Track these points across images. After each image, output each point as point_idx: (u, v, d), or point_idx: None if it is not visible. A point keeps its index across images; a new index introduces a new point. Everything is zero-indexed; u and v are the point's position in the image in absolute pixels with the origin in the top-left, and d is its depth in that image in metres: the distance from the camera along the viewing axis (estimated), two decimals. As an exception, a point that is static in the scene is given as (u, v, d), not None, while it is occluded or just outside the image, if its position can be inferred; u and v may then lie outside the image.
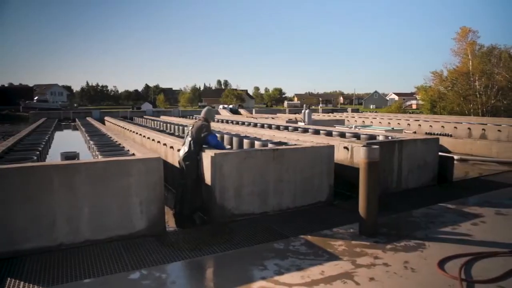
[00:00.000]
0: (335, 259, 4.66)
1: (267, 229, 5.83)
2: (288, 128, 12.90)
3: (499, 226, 5.93)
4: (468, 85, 37.30)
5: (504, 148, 13.04)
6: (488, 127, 15.73)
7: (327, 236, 5.48)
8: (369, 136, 9.78)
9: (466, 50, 38.21)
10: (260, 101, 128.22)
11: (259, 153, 6.51)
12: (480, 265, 4.50)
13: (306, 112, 16.18)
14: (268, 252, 4.90)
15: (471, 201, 7.36)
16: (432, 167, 8.88)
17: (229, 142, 9.73)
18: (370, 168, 5.30)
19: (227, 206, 6.18)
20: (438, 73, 40.89)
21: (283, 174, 6.65)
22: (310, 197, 7.00)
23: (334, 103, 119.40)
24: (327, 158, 7.15)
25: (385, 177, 8.03)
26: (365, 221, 5.42)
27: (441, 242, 5.24)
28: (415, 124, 18.92)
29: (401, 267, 4.45)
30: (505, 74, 34.66)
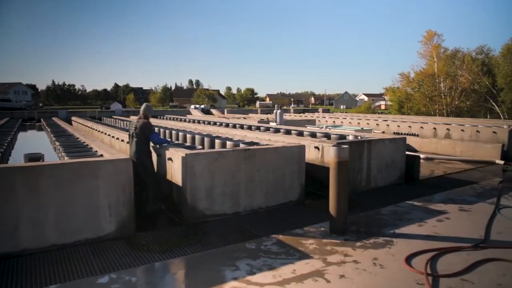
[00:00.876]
0: (307, 258, 4.72)
1: (239, 229, 5.83)
2: (260, 128, 12.95)
3: (462, 222, 6.17)
4: (434, 86, 38.59)
5: (467, 147, 13.58)
6: (452, 127, 16.32)
7: (298, 235, 5.53)
8: (339, 136, 9.95)
9: (432, 52, 39.52)
10: (232, 101, 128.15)
11: (231, 153, 6.49)
12: (444, 260, 4.66)
13: (278, 112, 16.28)
14: (240, 252, 4.90)
15: (436, 198, 7.62)
16: (399, 166, 9.13)
17: (200, 143, 9.66)
18: (340, 168, 5.40)
19: (198, 206, 6.14)
20: (405, 75, 42.17)
21: (254, 174, 6.66)
22: (281, 196, 7.04)
23: (305, 103, 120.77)
24: (298, 158, 7.22)
25: (355, 176, 8.19)
26: (335, 219, 5.51)
27: (408, 238, 5.39)
28: (384, 124, 19.39)
29: (370, 264, 4.55)
30: (467, 76, 36.07)
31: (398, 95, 42.66)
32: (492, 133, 13.99)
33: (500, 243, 5.20)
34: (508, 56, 32.52)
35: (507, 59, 32.42)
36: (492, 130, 14.10)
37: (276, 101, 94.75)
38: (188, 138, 10.43)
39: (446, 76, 37.38)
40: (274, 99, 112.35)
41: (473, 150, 13.30)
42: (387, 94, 52.70)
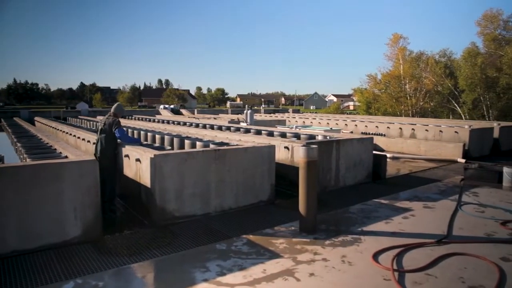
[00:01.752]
0: (277, 257, 4.75)
1: (209, 230, 5.80)
2: (230, 129, 12.91)
3: (427, 218, 6.38)
4: (400, 87, 39.74)
5: (431, 147, 14.06)
6: (417, 127, 16.83)
7: (268, 234, 5.56)
8: (309, 136, 10.07)
9: (398, 55, 40.66)
10: (203, 101, 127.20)
11: (201, 153, 6.44)
12: (410, 256, 4.81)
13: (248, 112, 16.30)
14: (210, 254, 4.87)
15: (402, 196, 7.85)
16: (367, 165, 9.34)
17: (169, 143, 9.53)
18: (309, 167, 5.46)
19: (168, 208, 6.05)
20: (373, 76, 43.20)
21: (225, 175, 6.64)
22: (252, 196, 7.05)
23: (276, 103, 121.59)
24: (269, 158, 7.26)
25: (324, 175, 8.31)
26: (305, 218, 5.57)
27: (376, 235, 5.53)
28: (352, 124, 19.77)
29: (339, 261, 4.63)
30: (431, 78, 37.35)
31: (366, 96, 43.66)
32: (454, 133, 14.53)
33: (461, 238, 5.42)
34: (468, 59, 33.89)
35: (468, 62, 33.77)
36: (454, 130, 14.65)
37: (246, 102, 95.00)
38: (157, 138, 10.27)
39: (411, 78, 38.58)
40: (245, 99, 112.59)
41: (436, 149, 13.79)
42: (356, 95, 53.85)
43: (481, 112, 34.15)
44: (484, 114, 33.67)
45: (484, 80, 32.50)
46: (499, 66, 31.30)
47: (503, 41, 33.33)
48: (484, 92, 32.89)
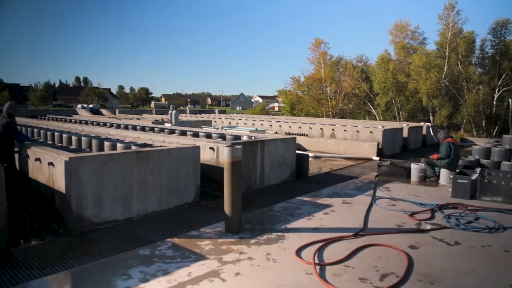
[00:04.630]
0: (202, 259, 4.69)
1: (131, 236, 5.55)
2: (154, 129, 12.52)
3: (345, 213, 6.76)
4: (321, 90, 41.64)
5: (349, 146, 14.95)
6: (336, 127, 17.78)
7: (194, 237, 5.48)
8: (234, 137, 10.13)
9: (319, 59, 42.56)
10: (125, 100, 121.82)
11: (121, 155, 6.15)
12: (330, 249, 5.05)
13: (173, 113, 15.96)
14: (132, 260, 4.67)
15: (323, 193, 8.23)
16: (290, 164, 9.65)
17: (87, 145, 8.96)
18: (234, 167, 5.49)
19: (85, 214, 5.68)
20: (296, 79, 44.71)
21: (147, 177, 6.41)
22: (176, 199, 6.91)
23: (202, 104, 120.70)
24: (193, 159, 7.16)
25: (250, 175, 8.42)
26: (231, 218, 5.58)
27: (299, 232, 5.72)
28: (277, 125, 20.29)
29: (264, 259, 4.71)
30: (349, 82, 39.68)
31: (290, 97, 45.05)
32: (370, 132, 15.60)
33: (376, 230, 5.83)
34: (382, 65, 36.60)
35: (381, 68, 36.48)
36: (370, 130, 15.73)
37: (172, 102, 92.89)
38: (74, 140, 9.61)
39: (331, 81, 40.61)
40: (170, 99, 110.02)
41: (354, 148, 14.70)
42: (280, 96, 55.36)
43: (393, 113, 37.09)
44: (396, 115, 36.62)
45: (395, 85, 35.33)
46: (408, 72, 34.24)
47: (410, 49, 36.47)
48: (395, 96, 35.75)
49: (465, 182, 7.91)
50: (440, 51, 33.71)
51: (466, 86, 32.19)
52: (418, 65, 32.33)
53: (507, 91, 30.84)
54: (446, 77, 31.90)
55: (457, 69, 32.24)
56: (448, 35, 32.58)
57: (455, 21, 32.76)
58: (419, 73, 32.42)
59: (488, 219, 6.46)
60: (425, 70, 31.94)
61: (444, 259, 4.79)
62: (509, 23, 32.75)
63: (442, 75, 31.88)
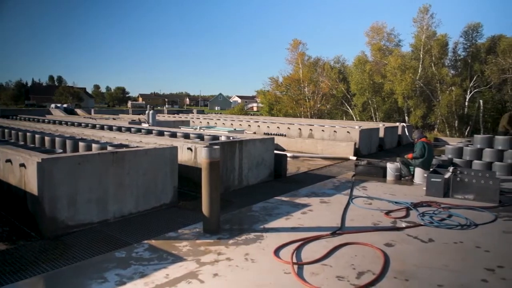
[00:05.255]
0: (180, 261, 4.65)
1: (107, 238, 5.45)
2: (131, 130, 12.33)
3: (323, 212, 6.82)
4: (299, 90, 41.97)
5: (326, 146, 15.12)
6: (314, 127, 17.93)
7: (172, 238, 5.42)
8: (213, 137, 10.08)
9: (297, 59, 42.90)
10: (101, 100, 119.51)
11: (97, 156, 6.02)
12: (308, 248, 5.09)
13: (150, 113, 15.77)
14: (108, 263, 4.58)
15: (301, 192, 8.29)
16: (269, 164, 9.68)
17: (61, 146, 8.74)
18: (212, 168, 5.46)
19: (59, 217, 5.54)
20: (274, 79, 44.93)
21: (124, 178, 6.31)
22: (154, 200, 6.82)
23: (180, 104, 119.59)
24: (171, 159, 7.08)
25: (228, 176, 8.39)
26: (209, 219, 5.55)
27: (277, 232, 5.74)
28: (255, 125, 20.31)
29: (242, 259, 4.70)
30: (327, 82, 40.14)
31: (268, 98, 45.23)
32: (347, 133, 15.81)
33: (353, 229, 5.91)
34: (358, 66, 37.25)
35: (358, 69, 37.12)
36: (347, 130, 15.93)
37: (149, 101, 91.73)
38: (47, 141, 9.35)
39: (309, 82, 40.99)
40: (148, 99, 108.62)
41: (331, 148, 14.87)
42: (259, 96, 55.50)
43: (370, 114, 37.75)
44: (372, 115, 37.29)
45: (371, 86, 35.99)
46: (384, 73, 34.93)
47: (386, 51, 37.22)
48: (372, 96, 36.43)
49: (439, 180, 8.11)
50: (415, 53, 34.54)
51: (440, 88, 33.09)
52: (393, 66, 33.04)
53: (478, 92, 31.86)
54: (421, 79, 32.71)
55: (431, 70, 33.09)
56: (422, 37, 33.40)
57: (429, 24, 33.67)
58: (394, 75, 33.13)
59: (460, 216, 6.65)
60: (401, 71, 32.67)
61: (419, 256, 4.90)
62: (480, 27, 33.90)
63: (416, 76, 32.67)
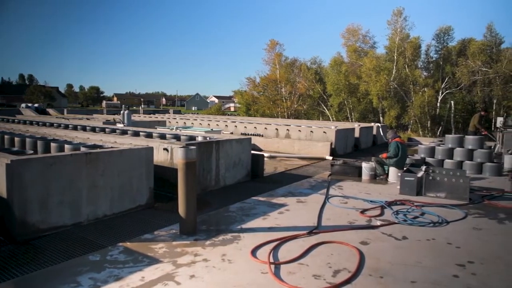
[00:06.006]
0: (156, 263, 4.58)
1: (81, 241, 5.32)
2: (105, 130, 12.08)
3: (300, 212, 6.87)
4: (276, 91, 42.19)
5: (303, 146, 15.24)
6: (291, 127, 18.05)
7: (148, 240, 5.34)
8: (189, 137, 10.00)
9: (275, 60, 43.13)
10: (74, 100, 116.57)
11: (69, 157, 5.87)
12: (285, 248, 5.11)
13: (125, 113, 15.52)
14: (82, 266, 4.46)
15: (278, 192, 8.32)
16: (246, 165, 9.67)
17: (32, 147, 8.48)
18: (188, 168, 5.41)
19: (30, 220, 5.37)
20: (252, 79, 45.02)
21: (98, 180, 6.17)
22: (129, 201, 6.71)
23: (156, 104, 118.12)
24: (146, 160, 6.98)
25: (205, 176, 8.34)
26: (185, 220, 5.50)
27: (254, 232, 5.74)
28: (232, 126, 20.27)
29: (219, 260, 4.68)
30: (304, 83, 40.52)
31: (245, 98, 45.27)
32: (323, 133, 15.99)
33: (329, 228, 5.97)
34: (335, 67, 37.79)
35: (334, 70, 37.65)
36: (323, 130, 16.11)
37: (124, 101, 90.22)
38: (17, 141, 9.06)
39: (286, 82, 41.29)
40: (123, 99, 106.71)
41: (308, 148, 15.00)
42: (236, 97, 55.43)
43: (346, 114, 38.31)
44: (348, 116, 37.86)
45: (347, 86, 36.55)
46: (359, 74, 35.52)
47: (362, 52, 37.89)
48: (348, 97, 36.99)
49: (412, 179, 8.31)
50: (389, 55, 35.29)
51: (413, 89, 33.92)
52: (368, 67, 33.66)
53: (450, 93, 32.83)
54: (395, 80, 33.43)
55: (404, 72, 33.88)
56: (396, 39, 34.16)
57: (403, 26, 34.47)
58: (369, 76, 33.75)
59: (432, 214, 6.83)
60: (375, 72, 33.31)
61: (393, 254, 5.00)
62: (451, 30, 34.98)
63: (391, 77, 33.37)
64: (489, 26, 32.63)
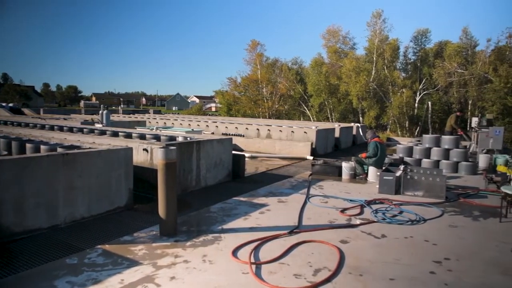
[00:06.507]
0: (136, 265, 4.52)
1: (58, 244, 5.20)
2: (83, 130, 11.84)
3: (281, 212, 6.89)
4: (258, 91, 42.20)
5: (284, 146, 15.30)
6: (272, 128, 18.10)
7: (127, 242, 5.26)
8: (170, 138, 9.90)
9: (256, 60, 43.12)
10: (51, 99, 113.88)
11: (45, 158, 5.73)
12: (266, 248, 5.12)
13: (104, 113, 15.26)
14: (59, 270, 4.37)
15: (260, 192, 8.33)
16: (227, 165, 9.65)
17: (6, 148, 8.24)
18: (168, 169, 5.36)
19: (4, 223, 5.21)
20: (233, 79, 44.87)
21: (75, 181, 6.05)
22: (107, 203, 6.59)
23: (136, 104, 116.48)
24: (126, 161, 6.88)
25: (185, 177, 8.28)
26: (165, 221, 5.45)
27: (235, 232, 5.73)
28: (213, 126, 20.17)
29: (200, 261, 4.65)
30: (285, 83, 40.65)
31: (226, 98, 45.08)
32: (304, 133, 16.09)
33: (309, 227, 6.01)
34: (315, 68, 38.05)
35: (315, 70, 37.92)
36: (304, 131, 16.21)
37: (103, 101, 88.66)
38: None
39: (267, 82, 41.33)
40: (102, 99, 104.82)
41: (289, 148, 15.07)
42: (217, 97, 55.19)
43: (326, 114, 38.63)
44: (328, 116, 38.19)
45: (328, 87, 36.86)
46: (339, 75, 35.89)
47: (342, 53, 38.28)
48: (328, 97, 37.31)
49: (390, 178, 8.45)
50: (369, 56, 35.76)
51: (392, 89, 34.49)
52: (348, 68, 34.04)
53: (427, 94, 33.51)
54: (374, 81, 33.92)
55: (383, 73, 34.41)
56: (375, 41, 34.65)
57: (382, 28, 34.96)
58: (349, 76, 34.13)
59: (410, 212, 6.97)
60: (355, 73, 33.71)
61: (372, 252, 5.08)
62: (428, 33, 35.71)
63: (370, 78, 33.85)
64: (465, 29, 33.43)
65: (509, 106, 27.59)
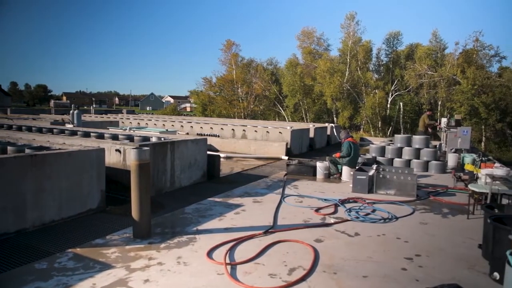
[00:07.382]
0: (108, 268, 4.42)
1: (26, 249, 5.02)
2: (53, 131, 11.50)
3: (256, 212, 6.90)
4: (233, 91, 42.14)
5: (259, 146, 15.34)
6: (248, 128, 18.10)
7: (99, 245, 5.14)
8: (143, 138, 9.74)
9: (231, 60, 43.03)
10: (19, 99, 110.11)
11: (12, 160, 5.53)
12: (241, 248, 5.12)
13: (75, 112, 14.86)
14: (27, 276, 4.22)
15: (235, 193, 8.32)
16: (202, 165, 9.58)
17: (-30, 149, 7.90)
18: (141, 170, 5.27)
19: (-33, 228, 5.00)
20: (208, 79, 44.62)
21: (44, 183, 5.86)
22: (79, 205, 6.42)
23: (109, 103, 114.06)
24: (97, 162, 6.72)
25: (160, 178, 8.17)
26: (139, 223, 5.36)
27: (210, 233, 5.69)
28: (188, 126, 20.00)
29: (174, 263, 4.60)
30: (260, 84, 40.77)
31: (202, 98, 44.81)
32: (279, 133, 16.18)
33: (285, 227, 6.05)
34: (290, 68, 38.36)
35: (290, 71, 38.22)
36: (279, 131, 16.30)
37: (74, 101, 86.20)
38: None
39: (243, 83, 41.33)
40: (73, 98, 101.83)
41: (264, 148, 15.12)
42: (192, 97, 54.73)
43: (301, 115, 38.99)
44: (303, 116, 38.56)
45: (302, 87, 37.21)
46: (314, 76, 36.30)
47: (316, 54, 38.76)
48: (303, 98, 37.67)
49: (364, 178, 8.60)
50: (342, 57, 36.33)
51: (365, 90, 35.17)
52: (323, 69, 34.47)
53: (399, 95, 34.34)
54: (348, 82, 34.49)
55: (357, 74, 35.04)
56: (349, 43, 35.25)
57: (355, 30, 35.61)
58: (324, 77, 34.57)
59: (383, 210, 7.12)
60: (329, 74, 34.18)
61: (346, 250, 5.16)
62: (399, 35, 36.62)
63: (344, 79, 34.39)
64: (434, 32, 34.45)
65: (476, 107, 28.65)
